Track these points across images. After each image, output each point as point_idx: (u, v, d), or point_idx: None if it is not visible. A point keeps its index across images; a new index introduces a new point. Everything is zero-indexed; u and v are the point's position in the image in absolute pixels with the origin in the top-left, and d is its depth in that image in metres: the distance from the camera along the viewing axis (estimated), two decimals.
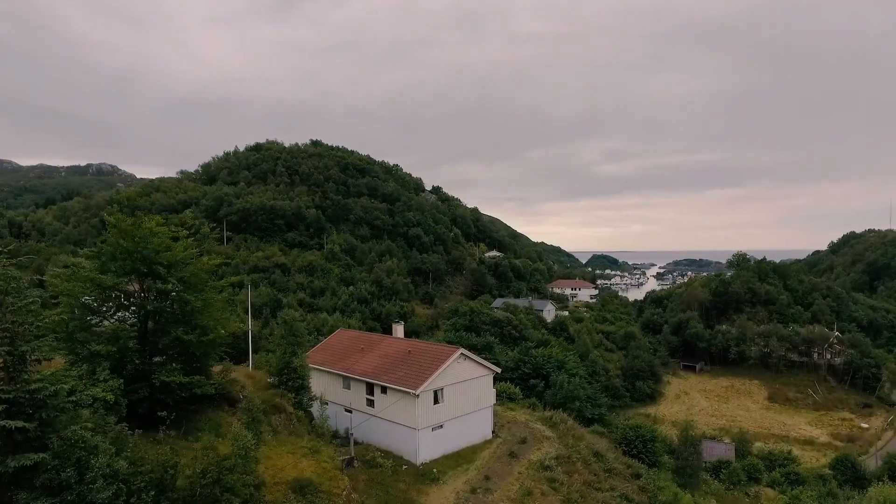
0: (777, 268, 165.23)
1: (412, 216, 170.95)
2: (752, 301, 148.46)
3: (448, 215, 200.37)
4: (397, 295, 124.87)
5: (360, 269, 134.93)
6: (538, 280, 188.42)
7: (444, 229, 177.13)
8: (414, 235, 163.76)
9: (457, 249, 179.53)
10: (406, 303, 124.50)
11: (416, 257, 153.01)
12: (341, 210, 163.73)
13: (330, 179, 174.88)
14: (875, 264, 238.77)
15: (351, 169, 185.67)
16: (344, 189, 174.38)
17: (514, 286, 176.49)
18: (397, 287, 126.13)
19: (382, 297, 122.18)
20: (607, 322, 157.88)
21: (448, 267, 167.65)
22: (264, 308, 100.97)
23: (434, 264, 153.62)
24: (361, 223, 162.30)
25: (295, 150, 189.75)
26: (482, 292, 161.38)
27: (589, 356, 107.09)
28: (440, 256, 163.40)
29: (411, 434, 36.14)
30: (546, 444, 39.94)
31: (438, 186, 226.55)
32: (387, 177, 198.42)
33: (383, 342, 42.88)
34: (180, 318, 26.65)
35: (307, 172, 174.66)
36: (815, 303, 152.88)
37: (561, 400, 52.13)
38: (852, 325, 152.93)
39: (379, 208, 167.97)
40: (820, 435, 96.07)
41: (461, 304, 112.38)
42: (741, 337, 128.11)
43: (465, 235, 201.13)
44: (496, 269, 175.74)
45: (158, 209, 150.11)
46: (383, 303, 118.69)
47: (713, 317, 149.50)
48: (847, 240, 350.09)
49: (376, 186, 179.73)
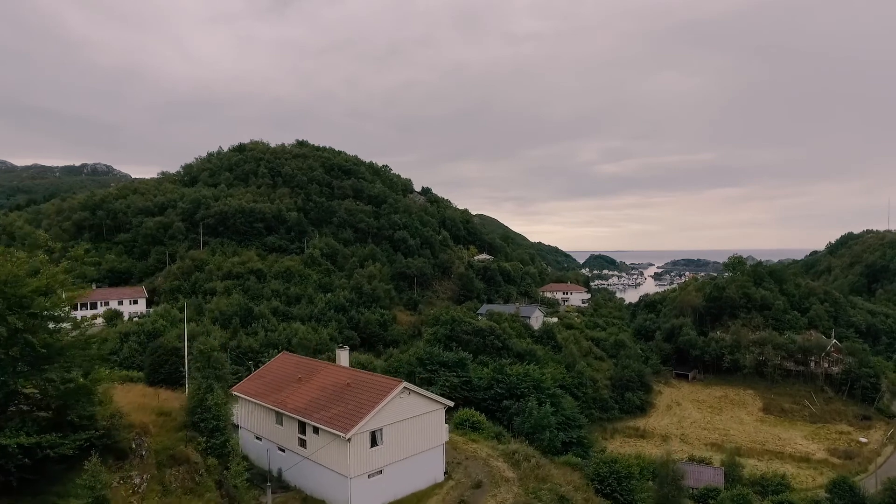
0: (773, 271, 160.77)
1: (398, 219, 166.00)
2: (748, 306, 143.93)
3: (437, 217, 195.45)
4: (378, 302, 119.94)
5: (340, 274, 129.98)
6: (529, 284, 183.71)
7: (432, 232, 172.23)
8: (400, 239, 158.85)
9: (445, 253, 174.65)
10: (387, 310, 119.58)
11: (401, 261, 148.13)
12: (324, 212, 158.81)
13: (314, 181, 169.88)
14: (873, 266, 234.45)
15: (336, 170, 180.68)
16: (328, 191, 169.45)
17: (503, 290, 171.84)
18: (378, 294, 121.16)
19: (362, 304, 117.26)
20: (598, 328, 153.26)
21: (435, 271, 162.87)
22: (234, 318, 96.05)
23: (419, 269, 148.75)
24: (345, 226, 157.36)
25: (279, 151, 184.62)
26: (470, 297, 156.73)
27: (575, 367, 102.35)
28: (426, 260, 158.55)
29: (343, 483, 31.38)
30: (504, 489, 35.20)
31: (428, 188, 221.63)
32: (374, 178, 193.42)
33: (323, 371, 38.08)
34: (33, 362, 21.84)
35: (290, 174, 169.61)
36: (812, 308, 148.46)
37: (529, 430, 47.49)
38: (850, 330, 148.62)
39: (364, 210, 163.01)
40: (816, 451, 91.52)
41: (443, 312, 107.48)
42: (735, 345, 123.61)
43: (455, 238, 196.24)
44: (485, 274, 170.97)
45: (134, 212, 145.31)
46: (362, 310, 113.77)
47: (707, 323, 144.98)
48: (845, 241, 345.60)
49: (362, 188, 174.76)
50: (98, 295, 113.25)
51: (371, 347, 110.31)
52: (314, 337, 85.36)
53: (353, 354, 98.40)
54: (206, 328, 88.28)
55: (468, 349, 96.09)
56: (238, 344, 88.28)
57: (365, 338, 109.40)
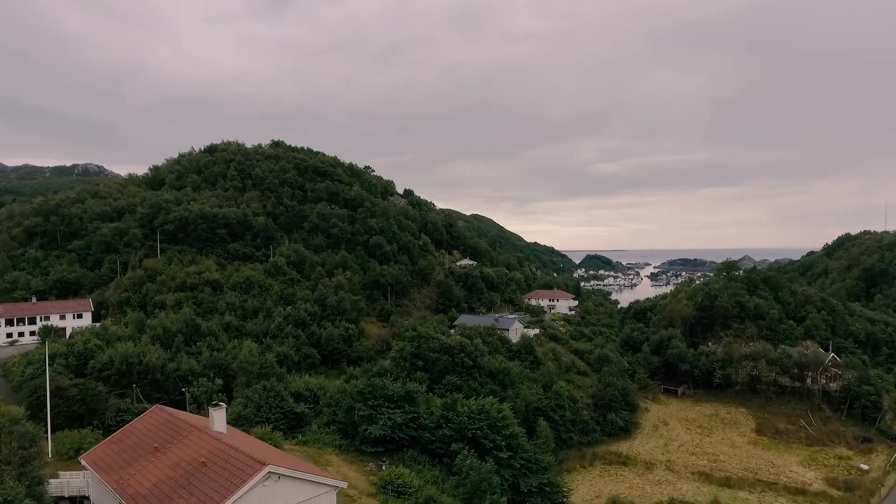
0: (768, 278, 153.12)
1: (375, 223, 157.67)
2: (741, 316, 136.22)
3: (418, 221, 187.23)
4: (344, 315, 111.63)
5: (306, 284, 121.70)
6: (513, 290, 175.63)
7: (411, 237, 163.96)
8: (375, 244, 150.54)
9: (424, 259, 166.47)
10: (353, 324, 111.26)
11: (375, 269, 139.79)
12: (295, 217, 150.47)
13: (286, 183, 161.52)
14: (871, 270, 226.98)
15: (311, 172, 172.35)
16: (301, 194, 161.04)
17: (486, 298, 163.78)
18: (344, 306, 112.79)
19: (326, 317, 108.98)
20: (584, 339, 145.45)
21: (414, 278, 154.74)
22: (177, 336, 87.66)
23: (395, 276, 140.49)
24: (317, 231, 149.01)
25: (251, 152, 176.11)
26: (449, 306, 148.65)
27: (553, 387, 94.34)
28: (404, 267, 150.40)
29: None
30: None
31: (410, 190, 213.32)
32: (353, 180, 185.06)
33: (185, 440, 29.88)
34: None
35: (261, 176, 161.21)
36: (809, 317, 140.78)
37: (465, 496, 39.30)
38: (849, 340, 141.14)
39: (338, 215, 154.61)
40: (814, 480, 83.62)
41: (412, 328, 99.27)
42: (727, 359, 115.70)
43: (437, 243, 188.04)
44: (466, 281, 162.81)
45: (91, 217, 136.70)
46: (325, 325, 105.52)
47: (698, 333, 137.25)
48: (842, 242, 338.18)
49: (338, 191, 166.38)
50: (38, 308, 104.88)
51: (334, 365, 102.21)
52: (258, 360, 76.95)
53: (310, 375, 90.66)
54: (143, 348, 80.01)
55: (436, 369, 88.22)
56: (178, 366, 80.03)
57: (327, 355, 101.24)
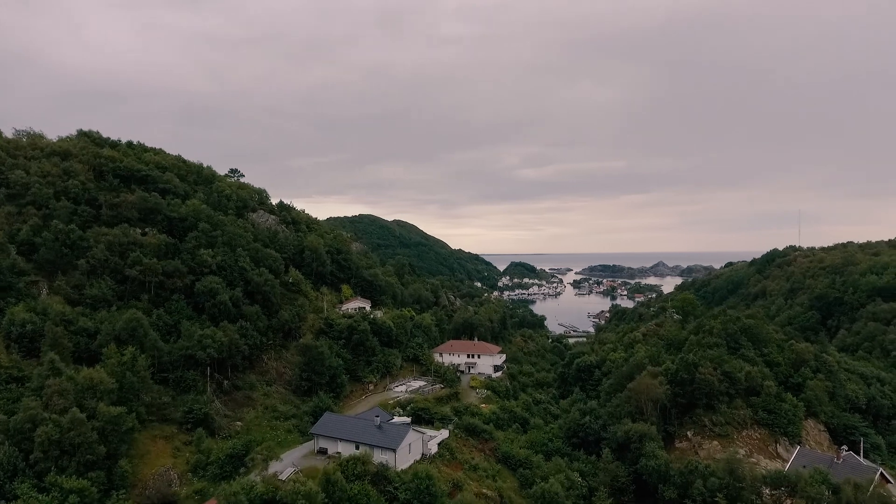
0: (747, 328, 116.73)
1: (211, 256, 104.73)
2: (729, 392, 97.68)
3: (291, 247, 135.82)
4: (78, 450, 58.50)
5: (28, 388, 67.23)
6: (419, 345, 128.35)
7: (270, 274, 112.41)
8: (205, 290, 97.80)
9: (293, 305, 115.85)
10: (98, 470, 58.48)
11: (192, 335, 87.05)
12: (70, 249, 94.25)
13: (67, 195, 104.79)
14: (825, 298, 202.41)
15: (120, 177, 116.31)
16: (92, 212, 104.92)
17: (379, 360, 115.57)
18: (75, 442, 59.23)
19: (43, 463, 55.59)
20: (516, 424, 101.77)
21: (271, 338, 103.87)
22: None
23: (226, 345, 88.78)
24: (102, 272, 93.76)
25: (21, 147, 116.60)
26: (318, 384, 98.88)
27: None
28: (251, 324, 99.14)
29: None
30: None
31: (288, 203, 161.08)
32: (194, 188, 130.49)
33: None
34: None
35: (23, 183, 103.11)
36: (807, 384, 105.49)
37: None
38: (852, 414, 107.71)
39: (145, 244, 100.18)
40: None
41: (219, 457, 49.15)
42: (734, 483, 74.75)
43: (318, 276, 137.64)
44: (350, 336, 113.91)
45: None
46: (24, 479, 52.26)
47: (673, 419, 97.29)
48: (771, 258, 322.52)
49: (157, 207, 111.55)
50: None
51: None
52: None
53: None
54: None
55: None
56: None
57: None
